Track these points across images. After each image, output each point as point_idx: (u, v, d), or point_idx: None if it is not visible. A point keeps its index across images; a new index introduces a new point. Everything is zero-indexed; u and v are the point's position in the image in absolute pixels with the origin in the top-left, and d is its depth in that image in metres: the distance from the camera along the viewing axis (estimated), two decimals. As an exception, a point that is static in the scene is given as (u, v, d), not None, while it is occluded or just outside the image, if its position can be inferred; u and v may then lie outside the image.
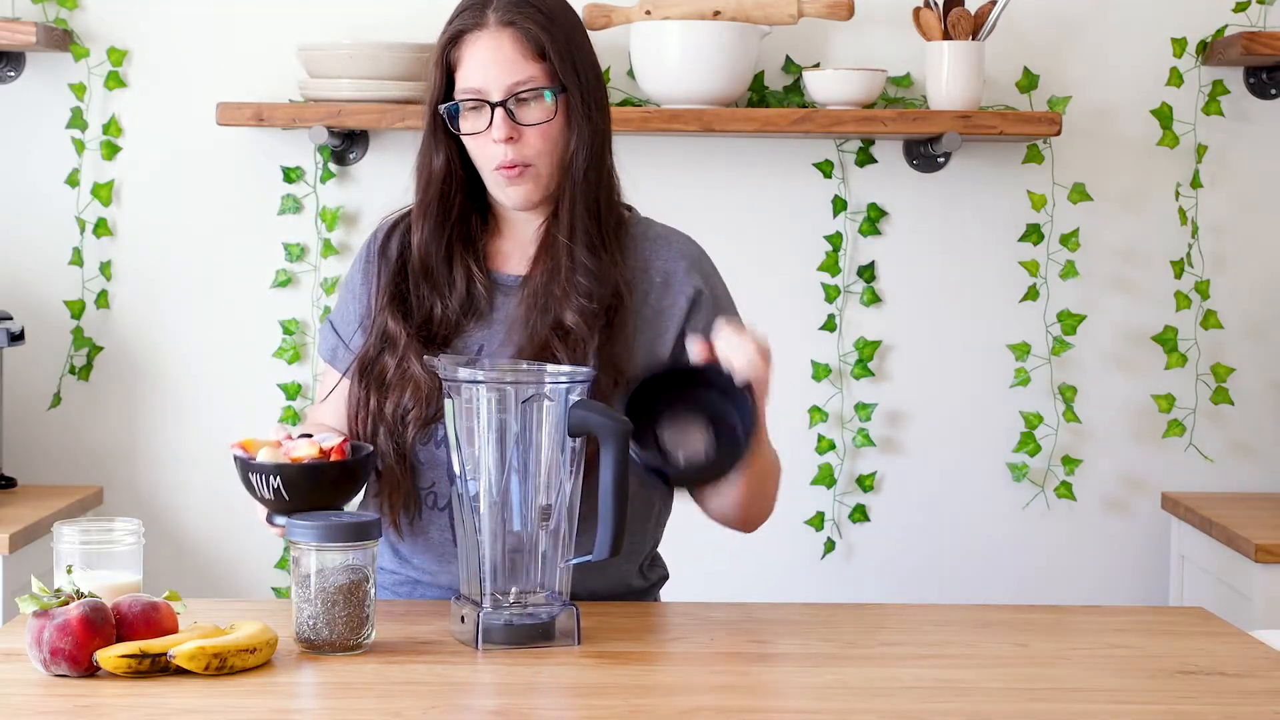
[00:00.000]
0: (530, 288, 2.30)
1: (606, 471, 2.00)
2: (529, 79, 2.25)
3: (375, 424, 2.29)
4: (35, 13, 3.45)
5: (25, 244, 3.49)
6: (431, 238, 2.32)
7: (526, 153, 2.26)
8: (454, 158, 2.31)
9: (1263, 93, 3.52)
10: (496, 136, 2.24)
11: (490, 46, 2.25)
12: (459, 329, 2.31)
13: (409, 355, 2.29)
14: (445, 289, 2.31)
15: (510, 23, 2.25)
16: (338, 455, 2.08)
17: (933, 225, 3.53)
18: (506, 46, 2.24)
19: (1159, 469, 3.56)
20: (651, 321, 2.31)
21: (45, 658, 1.87)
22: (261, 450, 2.09)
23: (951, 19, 3.35)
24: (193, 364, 3.51)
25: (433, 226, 2.32)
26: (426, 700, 1.82)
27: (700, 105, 3.34)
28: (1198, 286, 3.52)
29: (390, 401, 2.29)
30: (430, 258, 2.32)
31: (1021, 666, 1.99)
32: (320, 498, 2.07)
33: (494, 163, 2.27)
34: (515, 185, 2.28)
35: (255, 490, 2.08)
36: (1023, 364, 3.53)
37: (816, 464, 3.54)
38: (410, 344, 2.29)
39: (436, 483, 2.30)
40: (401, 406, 2.28)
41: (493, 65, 2.24)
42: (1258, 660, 2.02)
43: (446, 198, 2.32)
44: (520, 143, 2.26)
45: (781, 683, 1.90)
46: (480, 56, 2.25)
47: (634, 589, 2.35)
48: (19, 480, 3.45)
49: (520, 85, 2.24)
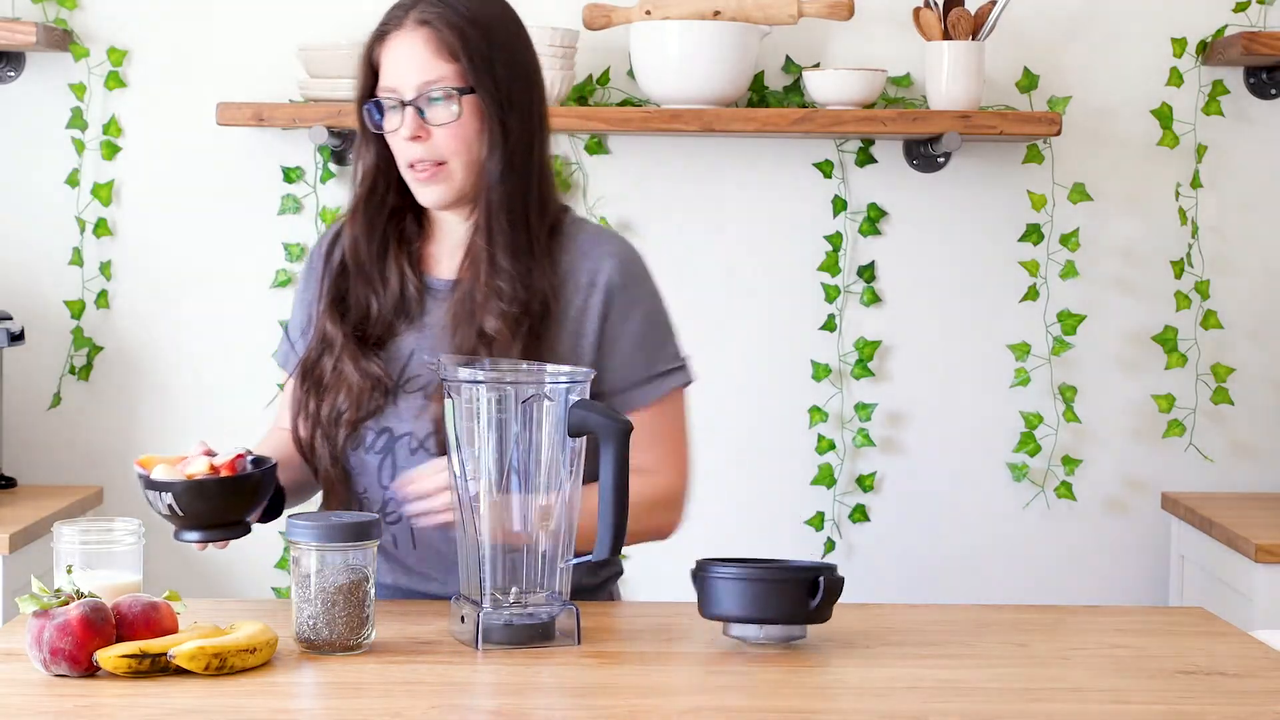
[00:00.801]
0: (457, 294, 2.31)
1: (606, 471, 2.01)
2: (438, 79, 2.25)
3: (314, 427, 2.31)
4: (35, 13, 3.45)
5: (25, 244, 3.50)
6: (363, 234, 2.33)
7: (436, 152, 2.26)
8: (383, 156, 2.32)
9: (1263, 93, 3.52)
10: (404, 135, 2.26)
11: (405, 45, 2.26)
12: (391, 330, 2.33)
13: (344, 356, 2.30)
14: (379, 285, 2.33)
15: (426, 22, 2.25)
16: (228, 470, 2.10)
17: (933, 225, 3.53)
18: (419, 46, 2.25)
19: (1159, 469, 3.56)
20: (576, 322, 2.31)
21: (45, 658, 1.86)
22: (157, 467, 2.10)
23: (951, 19, 3.35)
24: (193, 364, 3.51)
25: (365, 223, 2.33)
26: (426, 700, 1.82)
27: (700, 105, 3.34)
28: (1198, 286, 3.52)
29: (326, 404, 2.31)
30: (362, 253, 2.33)
31: (1021, 666, 1.99)
32: (214, 513, 2.08)
33: (405, 161, 2.28)
34: (426, 185, 2.28)
35: (152, 506, 2.10)
36: (1023, 364, 3.53)
37: (816, 464, 3.54)
38: (346, 345, 2.31)
39: (367, 489, 2.31)
40: (335, 409, 2.30)
41: (406, 64, 2.25)
42: (1258, 660, 2.02)
43: (377, 194, 2.33)
44: (429, 142, 2.26)
45: (781, 683, 1.90)
46: (396, 55, 2.26)
47: (584, 587, 2.35)
48: (19, 480, 3.45)
49: (429, 85, 2.25)
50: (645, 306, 2.36)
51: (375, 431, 2.30)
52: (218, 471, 2.09)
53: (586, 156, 3.50)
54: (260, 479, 2.12)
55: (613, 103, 3.48)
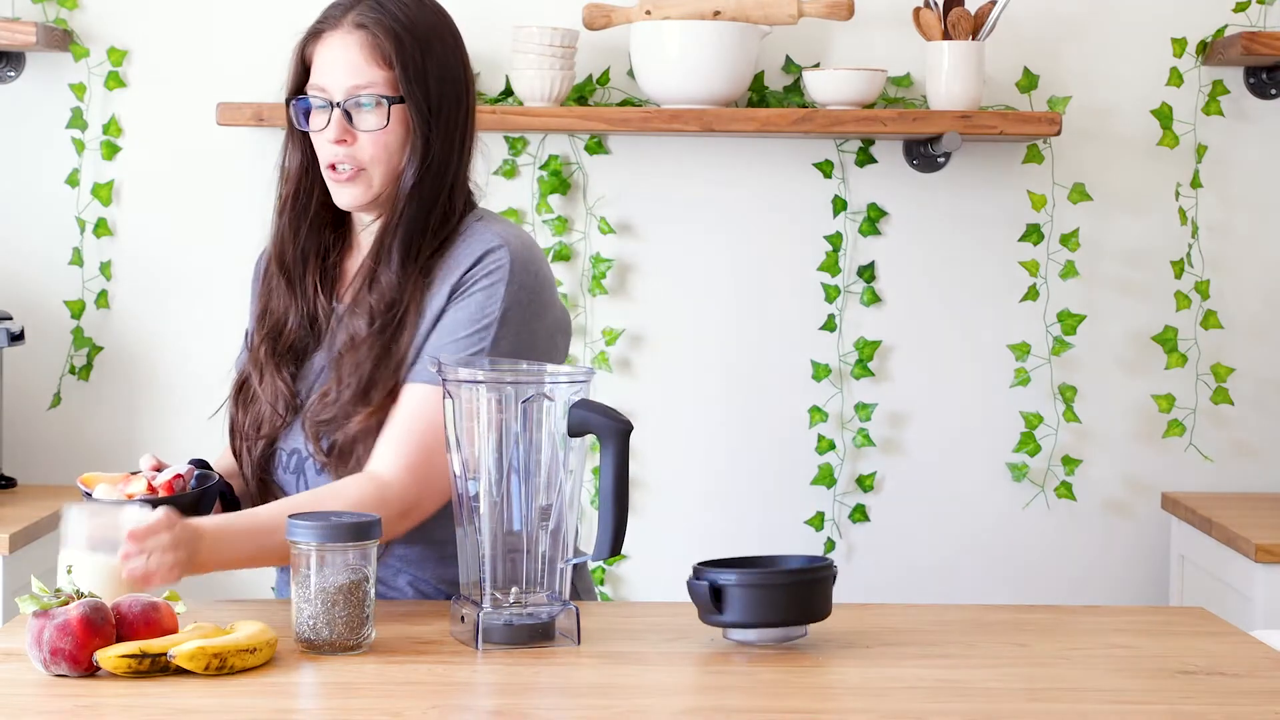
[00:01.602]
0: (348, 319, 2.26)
1: (606, 471, 2.01)
2: (368, 84, 2.24)
3: (241, 441, 2.31)
4: (35, 13, 3.45)
5: (25, 244, 3.50)
6: (287, 234, 2.32)
7: (359, 157, 2.25)
8: (309, 155, 2.31)
9: (1263, 93, 3.52)
10: (329, 137, 2.24)
11: (339, 47, 2.25)
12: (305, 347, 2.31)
13: (265, 370, 2.30)
14: (298, 294, 2.31)
15: (363, 25, 2.24)
16: (166, 490, 2.11)
17: (933, 225, 3.53)
18: (353, 49, 2.24)
19: (1159, 469, 3.56)
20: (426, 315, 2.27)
21: (45, 658, 1.86)
22: (99, 486, 2.11)
23: (951, 19, 3.35)
24: (193, 364, 3.51)
25: (287, 223, 2.32)
26: (426, 700, 1.82)
27: (700, 105, 3.34)
28: (1198, 286, 3.52)
29: (249, 418, 2.30)
30: (285, 254, 2.32)
31: (1021, 666, 1.99)
32: None
33: (326, 161, 2.27)
34: (344, 186, 2.27)
35: None
36: (1023, 364, 3.53)
37: (816, 464, 3.54)
38: (268, 359, 2.30)
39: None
40: (255, 423, 2.29)
41: (337, 66, 2.24)
42: (1258, 660, 2.02)
43: (301, 195, 2.32)
44: (354, 147, 2.25)
45: (781, 683, 1.90)
46: (328, 55, 2.25)
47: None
48: (19, 480, 3.45)
49: (359, 89, 2.24)
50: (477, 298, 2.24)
51: (286, 452, 2.30)
52: (155, 492, 2.11)
53: (586, 156, 3.50)
54: (197, 499, 2.14)
55: (613, 103, 3.48)
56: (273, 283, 2.33)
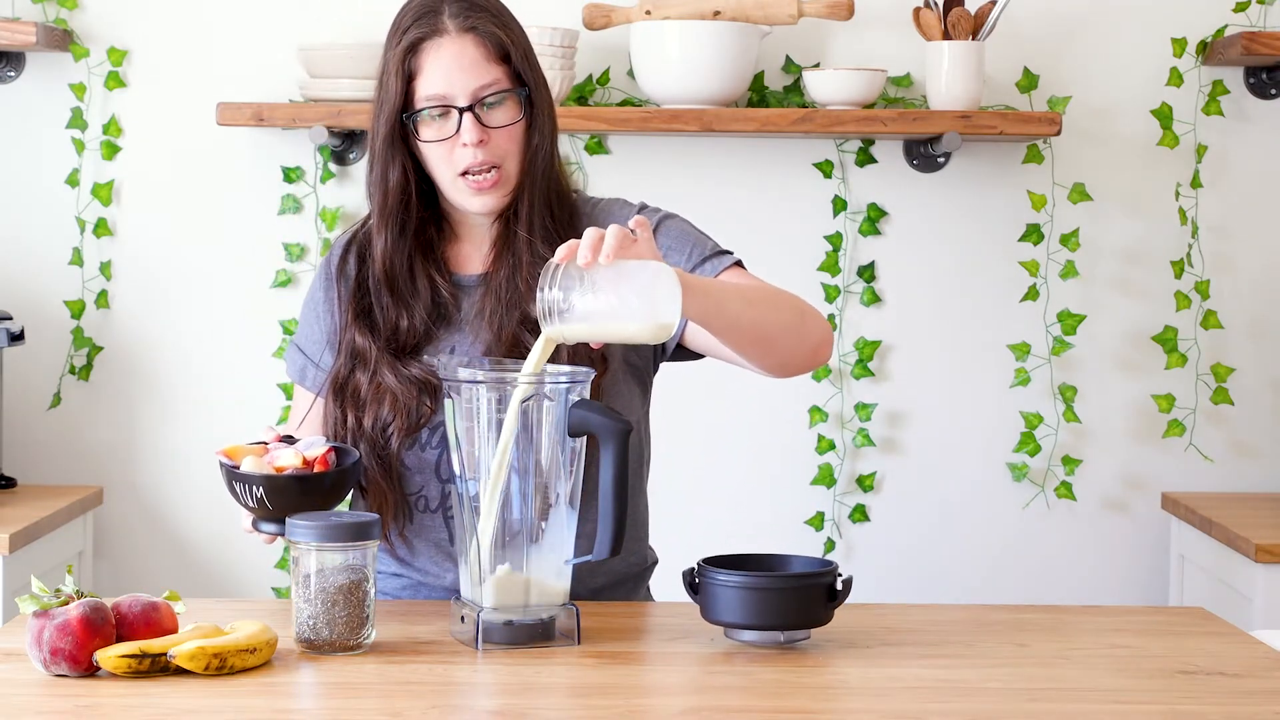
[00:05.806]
0: (493, 285, 2.31)
1: (606, 471, 2.01)
2: (494, 81, 2.26)
3: (355, 440, 2.30)
4: (35, 13, 3.45)
5: (25, 244, 3.50)
6: (394, 250, 2.32)
7: (496, 155, 2.27)
8: (410, 168, 2.31)
9: (1263, 93, 3.52)
10: (468, 140, 2.25)
11: (453, 53, 2.25)
12: (429, 337, 2.32)
13: (381, 369, 2.29)
14: (410, 299, 2.32)
15: (471, 28, 2.26)
16: (321, 465, 2.10)
17: (933, 225, 3.53)
18: (470, 51, 2.25)
19: (1159, 469, 3.57)
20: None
21: (45, 658, 1.87)
22: (246, 459, 2.10)
23: (951, 19, 3.35)
24: (193, 364, 3.51)
25: (394, 239, 2.32)
26: (426, 700, 1.82)
27: (700, 105, 3.34)
28: (1198, 286, 3.52)
29: (369, 416, 2.29)
30: (394, 269, 2.32)
31: (1021, 666, 1.99)
32: (304, 506, 2.08)
33: (460, 168, 2.27)
34: (482, 193, 2.28)
35: (240, 498, 2.10)
36: (1023, 364, 3.53)
37: (816, 464, 3.54)
38: (381, 357, 2.30)
39: (425, 486, 2.31)
40: (381, 420, 2.29)
41: (457, 71, 2.25)
42: (1258, 660, 2.02)
43: (406, 209, 2.32)
44: (490, 145, 2.26)
45: (781, 683, 1.90)
46: (444, 63, 2.25)
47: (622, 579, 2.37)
48: (19, 480, 3.45)
49: (486, 89, 2.26)
50: (670, 224, 2.38)
51: (430, 429, 2.30)
52: (310, 465, 2.10)
53: (586, 156, 3.50)
54: (348, 474, 2.13)
55: (613, 103, 3.48)
56: (376, 294, 2.33)
